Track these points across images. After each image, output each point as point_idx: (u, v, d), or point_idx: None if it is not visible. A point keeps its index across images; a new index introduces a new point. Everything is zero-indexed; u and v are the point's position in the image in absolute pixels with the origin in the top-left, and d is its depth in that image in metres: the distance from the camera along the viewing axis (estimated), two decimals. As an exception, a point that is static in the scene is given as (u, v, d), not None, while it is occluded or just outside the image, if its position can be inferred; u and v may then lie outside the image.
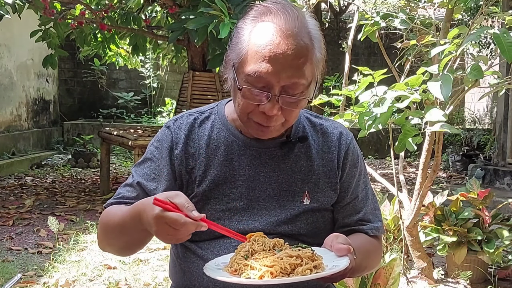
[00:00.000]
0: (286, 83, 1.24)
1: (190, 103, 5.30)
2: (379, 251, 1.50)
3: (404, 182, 3.36)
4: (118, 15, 5.80)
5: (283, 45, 1.24)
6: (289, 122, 1.33)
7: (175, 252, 1.45)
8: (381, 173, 5.89)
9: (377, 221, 1.47)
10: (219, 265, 1.22)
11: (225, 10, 4.03)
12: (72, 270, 3.36)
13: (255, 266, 1.14)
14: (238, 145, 1.39)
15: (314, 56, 1.28)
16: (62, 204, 5.26)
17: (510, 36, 2.01)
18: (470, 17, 6.57)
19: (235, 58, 1.30)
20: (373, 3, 6.88)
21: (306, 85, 1.28)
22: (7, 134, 7.74)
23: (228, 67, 1.33)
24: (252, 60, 1.25)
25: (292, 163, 1.39)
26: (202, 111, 1.46)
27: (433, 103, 2.50)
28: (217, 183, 1.36)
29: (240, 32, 1.31)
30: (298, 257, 1.17)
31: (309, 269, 1.14)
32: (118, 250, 1.41)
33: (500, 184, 5.98)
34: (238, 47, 1.29)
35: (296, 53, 1.24)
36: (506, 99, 6.05)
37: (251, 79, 1.25)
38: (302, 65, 1.25)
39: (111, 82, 9.96)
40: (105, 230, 1.37)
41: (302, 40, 1.25)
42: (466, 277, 3.18)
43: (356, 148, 1.47)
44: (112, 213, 1.36)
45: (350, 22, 4.04)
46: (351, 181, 1.44)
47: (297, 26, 1.26)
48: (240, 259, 1.18)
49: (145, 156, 1.42)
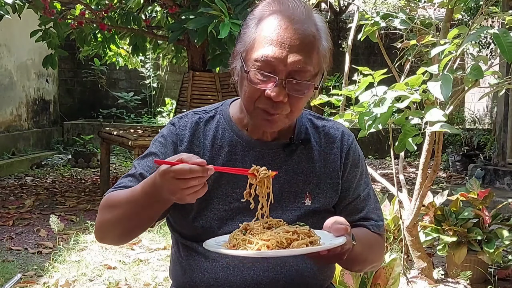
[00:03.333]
0: (293, 68, 1.26)
1: (190, 103, 5.30)
2: (381, 247, 1.50)
3: (404, 182, 3.36)
4: (118, 15, 5.80)
5: (290, 30, 1.26)
6: (294, 113, 1.33)
7: (177, 250, 1.45)
8: (381, 173, 5.89)
9: (379, 220, 1.48)
10: (219, 242, 1.24)
11: (225, 10, 4.03)
12: (72, 270, 3.36)
13: (252, 240, 1.17)
14: (242, 145, 1.39)
15: (321, 46, 1.30)
16: (62, 204, 5.26)
17: (510, 36, 2.02)
18: (470, 17, 6.57)
19: (243, 47, 1.31)
20: (373, 3, 6.88)
21: (313, 73, 1.29)
22: (7, 134, 7.74)
23: (236, 58, 1.34)
24: (260, 45, 1.27)
25: (294, 164, 1.40)
26: (207, 110, 1.46)
27: (433, 103, 2.50)
28: (220, 183, 1.36)
29: (248, 23, 1.33)
30: (295, 233, 1.19)
31: (305, 244, 1.17)
32: (119, 234, 1.37)
33: (500, 184, 5.98)
34: (246, 36, 1.31)
35: (303, 38, 1.26)
36: (506, 99, 6.05)
37: (258, 64, 1.27)
38: (309, 51, 1.27)
39: (111, 82, 9.96)
40: (110, 210, 1.33)
41: (310, 29, 1.28)
42: (466, 277, 3.18)
43: (357, 149, 1.48)
44: (117, 194, 1.34)
45: (350, 22, 4.04)
46: (352, 181, 1.45)
47: (304, 14, 1.28)
48: (239, 235, 1.20)
49: (149, 150, 1.41)
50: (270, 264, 1.35)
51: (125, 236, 1.39)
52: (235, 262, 1.34)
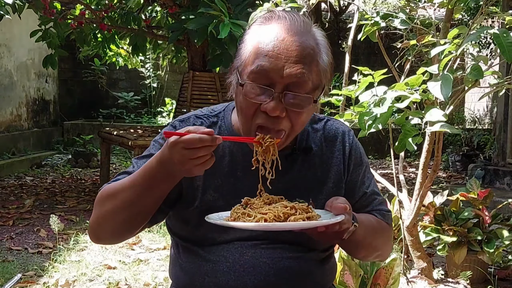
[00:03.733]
0: (291, 80, 1.20)
1: (190, 103, 5.30)
2: (387, 234, 1.49)
3: (404, 182, 3.36)
4: (118, 15, 5.80)
5: (287, 41, 1.21)
6: (296, 129, 1.28)
7: (176, 252, 1.45)
8: (381, 173, 5.90)
9: (385, 210, 1.48)
10: (221, 216, 1.26)
11: (225, 10, 4.03)
12: (72, 270, 3.36)
13: (251, 214, 1.20)
14: (243, 155, 1.36)
15: (320, 59, 1.24)
16: (62, 204, 5.26)
17: (510, 36, 2.02)
18: (470, 17, 6.57)
19: (239, 62, 1.28)
20: (373, 3, 6.88)
21: (312, 87, 1.23)
22: (7, 134, 7.74)
23: (232, 73, 1.30)
24: (255, 57, 1.23)
25: (297, 172, 1.38)
26: (209, 115, 1.42)
27: (433, 103, 2.50)
28: (221, 193, 1.35)
29: (245, 37, 1.29)
30: (293, 208, 1.21)
31: (302, 219, 1.19)
32: (119, 227, 1.32)
33: (500, 184, 5.98)
34: (242, 51, 1.27)
35: (301, 49, 1.21)
36: (506, 99, 6.05)
37: (254, 76, 1.22)
38: (308, 63, 1.21)
39: (111, 82, 9.96)
40: (109, 200, 1.29)
41: (308, 41, 1.23)
42: (466, 277, 3.18)
43: (358, 146, 1.47)
44: (114, 184, 1.31)
45: (350, 22, 4.04)
46: (356, 180, 1.44)
47: (303, 28, 1.23)
48: (239, 209, 1.23)
49: (148, 151, 1.39)
50: (272, 269, 1.33)
51: (125, 231, 1.33)
52: (236, 267, 1.33)
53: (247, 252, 1.34)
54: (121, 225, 1.31)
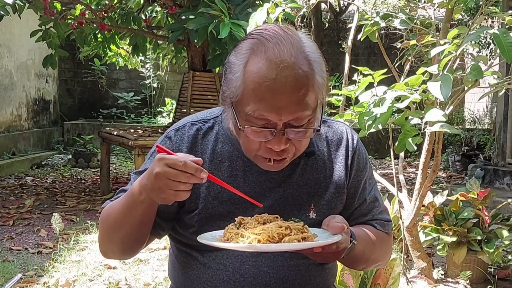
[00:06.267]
0: (289, 119, 1.19)
1: (190, 103, 5.30)
2: (387, 245, 1.47)
3: (404, 182, 3.37)
4: (118, 15, 5.80)
5: (280, 80, 1.17)
6: (300, 150, 1.29)
7: (175, 255, 1.44)
8: (381, 173, 5.90)
9: (386, 219, 1.46)
10: (214, 236, 1.24)
11: (225, 10, 4.03)
12: (72, 270, 3.37)
13: (244, 234, 1.17)
14: (243, 161, 1.34)
15: (315, 83, 1.22)
16: (62, 204, 5.26)
17: (510, 36, 2.02)
18: (470, 17, 6.57)
19: (232, 95, 1.23)
20: (373, 3, 6.88)
21: (311, 114, 1.23)
22: (7, 134, 7.74)
23: (226, 104, 1.27)
24: (250, 99, 1.20)
25: (298, 177, 1.36)
26: (205, 120, 1.40)
27: (433, 103, 2.50)
28: (221, 200, 1.33)
29: (233, 67, 1.23)
30: (288, 228, 1.18)
31: (297, 239, 1.16)
32: (120, 249, 1.36)
33: (500, 184, 5.98)
34: (233, 84, 1.22)
35: (295, 85, 1.18)
36: (506, 99, 6.05)
37: (252, 119, 1.20)
38: (303, 97, 1.19)
39: (111, 82, 9.96)
40: (106, 225, 1.34)
41: (301, 69, 1.19)
42: (466, 277, 3.19)
43: (362, 151, 1.45)
44: (110, 206, 1.34)
45: (350, 22, 4.04)
46: (358, 186, 1.42)
47: (293, 55, 1.19)
48: (232, 229, 1.21)
49: (145, 165, 1.37)
50: (272, 279, 1.32)
51: (127, 249, 1.36)
52: (236, 276, 1.32)
53: (248, 261, 1.32)
54: (121, 244, 1.35)
